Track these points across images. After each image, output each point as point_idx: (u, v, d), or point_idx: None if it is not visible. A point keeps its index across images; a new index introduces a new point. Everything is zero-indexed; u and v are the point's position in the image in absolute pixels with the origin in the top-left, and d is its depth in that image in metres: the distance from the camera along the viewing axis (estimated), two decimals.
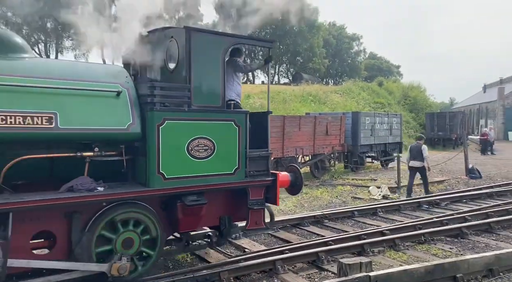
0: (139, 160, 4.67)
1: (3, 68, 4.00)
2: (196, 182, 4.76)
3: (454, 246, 6.79)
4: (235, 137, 5.06)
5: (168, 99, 4.71)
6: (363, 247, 6.31)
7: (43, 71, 4.25)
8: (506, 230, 7.69)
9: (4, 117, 3.83)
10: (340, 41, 52.71)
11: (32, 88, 4.03)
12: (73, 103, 4.24)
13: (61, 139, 4.24)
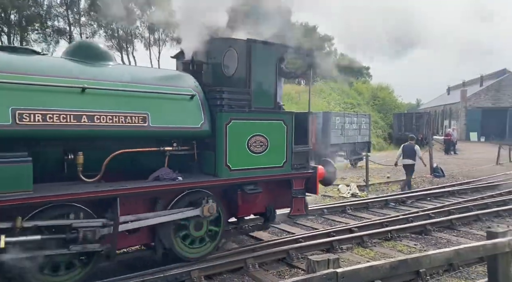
0: (206, 154, 5.43)
1: (102, 75, 4.80)
2: (254, 173, 5.54)
3: (418, 242, 7.06)
4: (284, 135, 5.82)
5: (233, 102, 5.43)
6: (332, 244, 6.45)
7: (130, 76, 5.01)
8: (466, 226, 8.06)
9: (111, 117, 4.57)
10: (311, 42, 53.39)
11: (129, 92, 4.80)
12: (159, 105, 4.99)
13: (151, 136, 4.96)
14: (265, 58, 5.76)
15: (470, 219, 8.45)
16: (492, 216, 8.82)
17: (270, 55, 5.82)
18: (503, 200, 10.26)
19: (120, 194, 4.49)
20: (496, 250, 2.79)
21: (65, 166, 4.57)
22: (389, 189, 12.70)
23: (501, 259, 2.83)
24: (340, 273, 1.98)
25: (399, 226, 7.59)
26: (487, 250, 2.74)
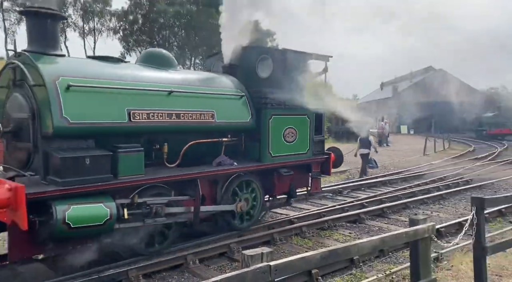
0: (251, 144, 6.63)
1: (177, 79, 5.91)
2: (287, 159, 6.87)
3: (353, 230, 7.44)
4: (307, 127, 7.21)
5: (273, 100, 6.66)
6: (272, 236, 6.60)
7: (198, 81, 6.24)
8: (395, 214, 8.64)
9: (191, 115, 5.74)
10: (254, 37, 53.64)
11: (201, 94, 5.99)
12: (220, 104, 6.19)
13: (216, 129, 6.14)
14: (295, 64, 7.14)
15: (399, 207, 9.07)
16: (419, 203, 9.54)
17: (298, 61, 7.25)
18: (428, 188, 11.13)
19: (201, 176, 5.75)
20: (417, 236, 3.03)
21: (153, 154, 5.53)
22: (327, 180, 13.20)
23: (421, 243, 3.08)
24: (273, 266, 2.03)
25: (335, 215, 7.95)
26: (409, 236, 2.96)
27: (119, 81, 5.15)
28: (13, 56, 5.16)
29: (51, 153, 4.58)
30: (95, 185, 4.60)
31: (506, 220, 8.06)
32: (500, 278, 4.82)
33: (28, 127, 4.76)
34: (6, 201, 3.98)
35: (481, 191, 11.12)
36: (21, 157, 4.94)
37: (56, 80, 4.65)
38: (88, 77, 4.94)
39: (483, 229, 3.79)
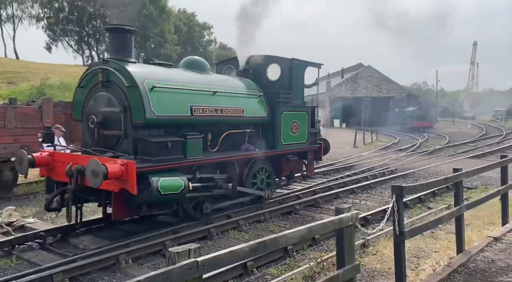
0: (267, 134, 8.21)
1: (216, 81, 7.53)
2: (292, 147, 8.61)
3: (288, 221, 7.68)
4: (306, 121, 8.90)
5: (283, 99, 8.31)
6: (209, 231, 6.59)
7: (230, 83, 7.83)
8: (328, 203, 9.06)
9: (229, 110, 7.28)
10: (191, 29, 52.72)
11: (235, 94, 7.56)
12: (247, 101, 7.75)
13: (244, 122, 7.72)
14: (298, 71, 8.83)
15: (331, 197, 9.51)
16: (349, 193, 10.08)
17: (301, 68, 8.92)
18: (357, 178, 11.81)
19: (238, 158, 7.48)
20: (342, 224, 3.20)
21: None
22: None
23: (346, 231, 3.27)
24: (201, 262, 2.03)
25: (271, 208, 8.13)
26: (335, 224, 3.12)
27: (182, 83, 6.72)
28: (99, 62, 6.63)
29: (143, 138, 6.03)
30: (174, 162, 6.07)
31: (424, 206, 8.81)
32: (418, 259, 5.27)
33: (119, 119, 6.09)
34: (120, 173, 5.27)
35: (404, 179, 12.03)
36: (110, 142, 6.25)
37: (143, 82, 6.00)
38: (162, 80, 6.37)
39: (401, 215, 4.09)
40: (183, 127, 6.60)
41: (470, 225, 6.70)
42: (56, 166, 6.15)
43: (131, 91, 5.95)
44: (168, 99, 6.31)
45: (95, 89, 6.48)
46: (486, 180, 11.16)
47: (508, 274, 4.57)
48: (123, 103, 6.04)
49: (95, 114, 6.24)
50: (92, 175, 5.20)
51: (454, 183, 5.26)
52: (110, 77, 6.22)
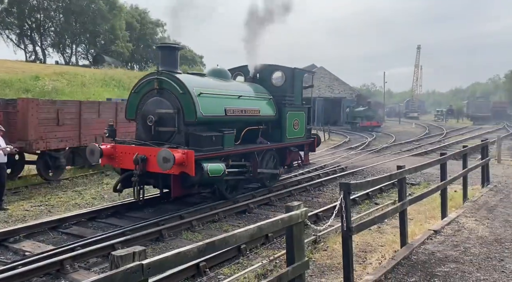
0: (274, 130, 9.95)
1: (239, 88, 9.49)
2: (294, 140, 10.37)
3: (242, 220, 7.70)
4: (304, 119, 10.85)
5: (287, 101, 10.08)
6: (161, 232, 6.46)
7: (248, 89, 9.63)
8: (281, 201, 9.18)
9: (249, 111, 9.08)
10: (144, 26, 51.24)
11: (252, 97, 9.44)
12: (261, 103, 9.53)
13: (259, 120, 9.47)
14: (298, 77, 10.69)
15: (284, 195, 9.66)
16: (302, 190, 10.29)
17: (300, 76, 10.93)
18: (310, 176, 12.08)
19: (257, 150, 9.21)
20: (291, 222, 3.26)
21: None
22: None
23: (295, 228, 3.33)
24: (146, 264, 1.98)
25: (225, 207, 8.12)
26: (284, 222, 3.18)
27: (217, 90, 8.56)
28: (154, 73, 8.08)
29: (194, 133, 7.72)
30: (217, 152, 7.82)
31: (372, 202, 9.19)
32: (365, 254, 5.49)
33: (173, 118, 7.74)
34: (182, 159, 6.90)
35: (353, 177, 12.48)
36: (164, 136, 7.90)
37: (193, 89, 7.71)
38: (205, 87, 8.16)
39: (349, 211, 4.25)
40: (219, 125, 8.34)
41: (414, 219, 7.09)
42: (118, 156, 7.83)
43: (184, 97, 7.67)
44: (210, 102, 8.09)
45: (148, 95, 8.08)
46: (428, 177, 11.84)
47: (446, 264, 4.89)
48: (177, 106, 7.74)
49: (152, 114, 7.73)
50: (163, 161, 6.80)
51: (398, 180, 5.53)
52: (164, 85, 7.85)
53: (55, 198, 9.36)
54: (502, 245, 5.54)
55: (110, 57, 42.00)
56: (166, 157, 6.75)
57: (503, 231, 6.23)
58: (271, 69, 10.43)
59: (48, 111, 11.04)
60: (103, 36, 44.18)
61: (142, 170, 7.25)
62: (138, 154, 7.38)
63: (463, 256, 5.13)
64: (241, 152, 8.74)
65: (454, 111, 69.60)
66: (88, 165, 13.53)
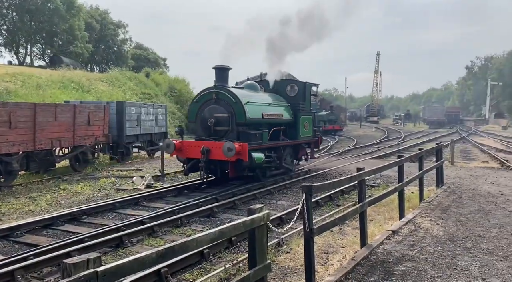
0: (290, 130, 12.63)
1: (267, 97, 12.23)
2: (305, 138, 13.18)
3: (205, 225, 7.62)
4: (312, 121, 13.61)
5: (300, 108, 12.71)
6: (121, 238, 6.27)
7: (272, 98, 12.28)
8: (246, 205, 9.16)
9: (277, 115, 11.85)
10: (104, 27, 49.71)
11: (277, 104, 12.24)
12: (283, 109, 12.30)
13: (282, 122, 12.17)
14: (308, 89, 13.31)
15: (249, 198, 9.66)
16: (266, 194, 10.33)
17: (309, 87, 13.47)
18: (274, 180, 12.14)
19: (282, 145, 12.03)
20: (253, 224, 3.26)
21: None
22: (184, 177, 13.22)
23: (257, 231, 3.33)
24: (101, 272, 1.91)
25: (188, 212, 8.00)
26: (246, 225, 3.17)
27: (256, 99, 11.31)
28: (212, 87, 10.78)
29: (244, 131, 10.49)
30: (259, 145, 10.54)
31: (334, 204, 9.38)
32: (327, 255, 5.59)
33: (227, 120, 10.44)
34: (240, 149, 9.50)
35: (316, 179, 12.68)
36: (220, 134, 10.57)
37: (242, 99, 10.41)
38: (248, 97, 10.93)
39: (310, 213, 4.31)
40: (258, 125, 11.15)
41: (373, 220, 7.31)
42: (185, 149, 10.54)
43: (236, 104, 10.46)
44: (253, 108, 10.84)
45: (207, 103, 10.78)
46: (387, 179, 12.26)
47: (403, 263, 5.07)
48: (230, 111, 10.51)
49: (211, 117, 10.55)
50: (227, 150, 9.57)
51: (358, 181, 5.68)
52: (220, 95, 10.62)
53: (7, 205, 8.87)
54: (455, 243, 5.82)
55: (68, 58, 40.42)
56: (230, 147, 9.59)
57: (455, 230, 6.55)
58: (286, 83, 13.34)
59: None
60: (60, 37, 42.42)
61: (206, 158, 9.98)
62: (203, 146, 10.06)
63: (419, 255, 5.34)
64: (274, 145, 11.68)
65: (411, 116, 72.71)
66: (43, 170, 12.94)
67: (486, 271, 4.77)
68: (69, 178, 12.54)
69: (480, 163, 17.26)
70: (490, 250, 5.52)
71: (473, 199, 9.12)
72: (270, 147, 11.39)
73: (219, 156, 9.85)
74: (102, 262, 2.14)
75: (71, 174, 13.36)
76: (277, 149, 11.89)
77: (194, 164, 10.43)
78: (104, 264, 2.45)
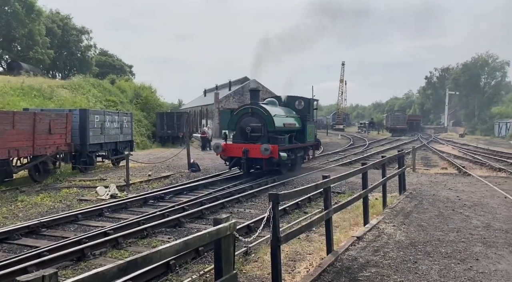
0: (299, 136, 16.39)
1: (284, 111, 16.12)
2: (310, 142, 17.29)
3: (172, 235, 7.48)
4: (314, 128, 18.17)
5: (307, 119, 16.75)
6: (83, 251, 6.04)
7: (287, 111, 16.40)
8: (213, 214, 9.10)
9: (292, 124, 15.91)
10: (67, 33, 48.05)
11: (292, 116, 16.42)
12: (295, 119, 16.30)
13: (294, 129, 16.04)
14: (312, 103, 17.59)
15: (217, 207, 9.59)
16: (234, 202, 10.30)
17: (313, 102, 18.01)
18: (243, 188, 12.15)
19: (297, 147, 16.09)
20: (219, 235, 3.24)
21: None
22: (150, 187, 12.95)
23: (223, 241, 3.31)
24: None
25: (154, 222, 7.83)
26: (212, 235, 3.14)
27: (278, 112, 15.07)
28: (248, 103, 14.96)
29: (273, 136, 14.11)
30: (284, 146, 14.25)
31: (302, 211, 9.48)
32: (294, 262, 5.62)
33: (260, 128, 14.21)
34: (273, 149, 13.34)
35: (284, 187, 12.79)
36: (254, 139, 14.26)
37: (271, 112, 14.22)
38: (274, 111, 14.75)
39: (277, 221, 4.34)
40: (281, 132, 14.71)
41: (339, 226, 7.44)
42: (228, 150, 14.22)
43: (267, 117, 14.11)
44: (278, 119, 14.53)
45: (244, 116, 14.53)
46: (353, 185, 12.53)
47: (367, 269, 5.19)
48: (263, 122, 14.19)
49: (248, 126, 14.30)
50: (264, 150, 13.12)
51: (323, 189, 5.78)
52: (254, 110, 14.35)
53: None
54: (416, 248, 6.02)
55: (28, 64, 38.79)
56: (267, 148, 13.32)
57: (417, 235, 6.78)
58: (295, 99, 17.20)
59: None
60: (19, 41, 40.70)
61: (246, 156, 13.66)
62: (244, 147, 13.76)
63: (383, 260, 5.48)
64: (292, 147, 15.34)
65: (375, 124, 74.96)
66: (0, 180, 12.31)
67: (445, 274, 4.97)
68: (28, 189, 11.98)
69: (439, 170, 18.03)
70: (448, 254, 5.75)
71: (433, 205, 9.49)
72: (289, 148, 15.02)
73: (256, 155, 13.57)
74: (59, 278, 2.06)
75: (31, 184, 12.78)
76: (293, 150, 15.61)
77: (236, 161, 14.22)
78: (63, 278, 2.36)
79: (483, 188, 12.12)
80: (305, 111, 16.83)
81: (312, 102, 17.60)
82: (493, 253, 5.83)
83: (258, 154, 13.39)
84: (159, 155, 22.78)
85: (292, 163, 15.50)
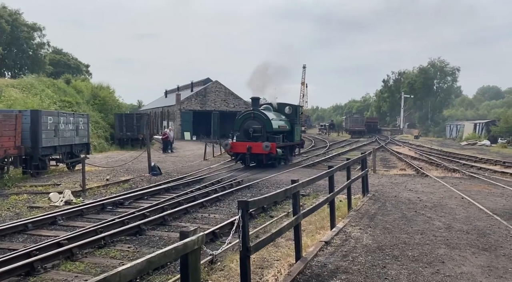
0: (289, 136, 20.41)
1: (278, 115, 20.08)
2: (297, 141, 21.51)
3: (132, 244, 7.06)
4: (300, 130, 22.69)
5: (294, 122, 20.92)
6: (32, 265, 5.53)
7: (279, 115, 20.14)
8: (177, 220, 8.74)
9: (284, 126, 19.63)
10: (16, 29, 45.27)
11: (284, 120, 20.35)
12: (286, 123, 20.16)
13: (286, 131, 20.02)
14: (299, 109, 22.00)
15: (180, 213, 9.22)
16: (198, 207, 9.97)
17: (300, 108, 22.67)
18: (207, 191, 11.83)
19: (288, 145, 20.36)
20: (186, 250, 2.97)
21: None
22: (108, 192, 12.32)
23: (191, 256, 3.05)
24: None
25: (113, 230, 7.38)
26: (178, 251, 2.87)
27: (273, 116, 18.82)
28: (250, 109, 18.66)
29: (270, 136, 17.82)
30: (280, 144, 18.21)
31: (267, 215, 9.32)
32: (262, 270, 5.43)
33: (261, 129, 17.76)
34: (272, 146, 16.94)
35: (249, 190, 12.61)
36: (256, 138, 17.64)
37: (269, 117, 18.06)
38: (271, 116, 18.51)
39: (247, 230, 4.12)
40: (276, 133, 18.07)
41: (305, 230, 7.33)
42: (235, 147, 17.53)
43: (266, 120, 17.63)
44: (274, 122, 18.08)
45: (247, 119, 17.91)
46: (316, 187, 12.56)
47: (337, 275, 5.08)
48: (262, 124, 17.60)
49: (251, 127, 17.61)
50: (265, 147, 16.60)
51: (292, 194, 5.63)
52: (255, 115, 17.84)
53: None
54: (384, 252, 6.01)
55: None
56: (267, 145, 16.53)
57: (383, 238, 6.80)
58: (285, 105, 20.54)
59: None
60: None
61: (249, 152, 16.82)
62: (248, 145, 16.88)
63: (352, 266, 5.41)
64: (285, 145, 18.88)
65: (335, 126, 76.68)
66: None
67: (414, 279, 4.95)
68: None
69: (398, 171, 18.55)
70: (415, 257, 5.78)
71: (396, 206, 9.64)
72: (283, 146, 18.50)
73: (258, 151, 16.83)
74: None
75: None
76: (285, 147, 19.17)
77: (241, 156, 17.41)
78: None
79: (441, 189, 12.54)
80: (293, 116, 20.51)
81: (298, 109, 21.71)
82: (457, 255, 5.92)
83: (260, 150, 16.73)
84: (117, 157, 21.86)
85: (284, 158, 19.32)
